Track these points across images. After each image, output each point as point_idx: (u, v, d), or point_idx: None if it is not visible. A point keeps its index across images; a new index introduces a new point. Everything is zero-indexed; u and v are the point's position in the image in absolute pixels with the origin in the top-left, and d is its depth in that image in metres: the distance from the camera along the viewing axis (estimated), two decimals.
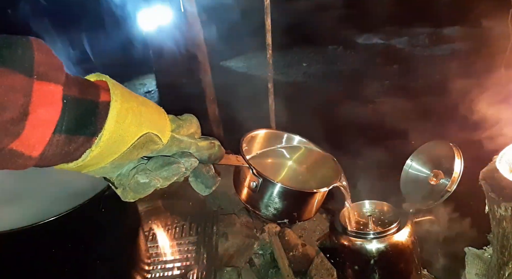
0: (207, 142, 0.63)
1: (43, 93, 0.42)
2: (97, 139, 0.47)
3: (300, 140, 1.07)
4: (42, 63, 0.42)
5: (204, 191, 0.65)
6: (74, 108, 0.45)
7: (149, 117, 0.52)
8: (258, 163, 0.94)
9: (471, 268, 1.19)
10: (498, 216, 0.96)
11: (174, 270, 1.57)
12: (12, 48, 0.40)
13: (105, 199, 1.05)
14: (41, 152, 0.44)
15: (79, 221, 1.02)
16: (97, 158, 0.49)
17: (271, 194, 0.86)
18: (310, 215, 0.93)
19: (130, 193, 0.56)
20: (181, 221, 1.83)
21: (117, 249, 1.23)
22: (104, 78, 0.51)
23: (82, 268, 1.11)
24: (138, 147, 0.52)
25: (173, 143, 0.57)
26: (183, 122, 0.59)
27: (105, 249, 1.17)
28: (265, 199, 0.86)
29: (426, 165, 1.13)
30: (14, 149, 0.41)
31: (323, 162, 1.05)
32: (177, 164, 0.57)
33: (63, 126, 0.44)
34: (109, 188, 1.05)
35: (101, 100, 0.48)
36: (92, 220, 1.07)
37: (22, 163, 0.43)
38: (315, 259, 1.62)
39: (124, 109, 0.49)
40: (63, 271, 1.06)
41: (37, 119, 0.41)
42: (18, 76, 0.40)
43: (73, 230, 1.03)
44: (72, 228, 1.02)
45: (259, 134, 1.02)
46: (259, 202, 0.87)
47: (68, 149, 0.46)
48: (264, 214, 0.88)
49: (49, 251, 1.01)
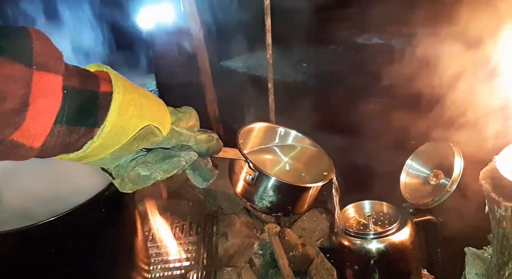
0: (206, 135, 0.63)
1: (43, 83, 0.41)
2: (99, 131, 0.47)
3: (296, 135, 1.08)
4: (41, 53, 0.42)
5: (202, 183, 0.66)
6: (74, 98, 0.45)
7: (150, 109, 0.53)
8: (254, 157, 0.96)
9: (471, 268, 1.19)
10: (498, 216, 0.96)
11: (174, 270, 1.57)
12: (10, 38, 0.40)
13: (105, 199, 1.05)
14: (42, 143, 0.44)
15: (79, 221, 1.02)
16: (98, 149, 0.49)
17: (266, 187, 0.87)
18: (303, 209, 0.96)
19: (129, 184, 0.57)
20: (181, 221, 1.83)
21: (117, 249, 1.23)
22: (105, 68, 0.51)
23: (82, 268, 1.11)
24: (139, 139, 0.52)
25: (172, 135, 0.57)
26: (183, 115, 0.60)
27: (105, 249, 1.17)
28: (261, 192, 0.88)
29: (426, 165, 1.13)
30: (15, 140, 0.41)
31: (318, 159, 1.06)
32: (177, 158, 0.57)
33: (63, 117, 0.44)
34: (109, 188, 1.05)
35: (101, 90, 0.48)
36: (92, 220, 1.07)
37: (23, 154, 0.43)
38: (315, 259, 1.62)
39: (126, 101, 0.49)
40: (63, 271, 1.06)
41: (37, 110, 0.41)
42: (18, 66, 0.39)
43: (73, 230, 1.03)
44: (72, 228, 1.02)
45: (255, 127, 1.03)
46: (254, 194, 0.89)
47: (69, 140, 0.46)
48: (259, 207, 0.90)
49: (49, 251, 1.01)
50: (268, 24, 1.76)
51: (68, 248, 1.05)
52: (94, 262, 1.12)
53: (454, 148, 1.05)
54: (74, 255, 1.06)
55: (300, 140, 1.09)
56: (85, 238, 1.08)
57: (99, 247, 1.14)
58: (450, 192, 1.03)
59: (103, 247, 1.15)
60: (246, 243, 1.73)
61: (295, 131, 1.08)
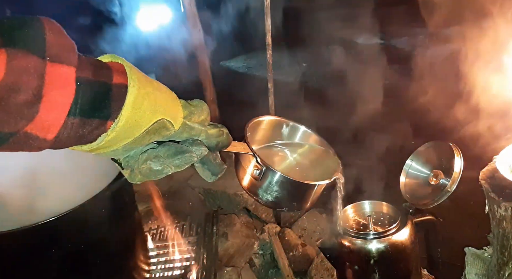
0: (216, 130, 0.63)
1: (56, 75, 0.41)
2: (113, 124, 0.47)
3: (305, 130, 1.08)
4: (54, 44, 0.41)
5: (210, 178, 0.66)
6: (87, 90, 0.45)
7: (164, 103, 0.53)
8: (262, 152, 0.97)
9: (471, 268, 1.19)
10: (498, 216, 0.96)
11: (174, 270, 1.56)
12: (23, 29, 0.40)
13: (105, 199, 1.05)
14: (56, 135, 0.44)
15: (79, 221, 1.02)
16: (111, 141, 0.49)
17: (272, 182, 0.88)
18: (307, 205, 0.97)
19: (138, 176, 0.57)
20: (181, 221, 1.83)
21: (117, 249, 1.23)
22: (120, 60, 0.51)
23: (82, 268, 1.11)
24: (151, 133, 0.52)
25: (184, 129, 0.57)
26: (195, 109, 0.60)
27: (105, 249, 1.17)
28: (266, 187, 0.89)
29: (426, 165, 1.13)
30: (29, 132, 0.41)
31: (325, 157, 1.07)
32: (189, 153, 0.58)
33: (77, 108, 0.44)
34: (109, 188, 1.05)
35: (114, 82, 0.47)
36: (92, 220, 1.07)
37: (37, 146, 0.43)
38: (315, 259, 1.62)
39: (140, 95, 0.49)
40: (63, 271, 1.06)
41: (51, 102, 0.41)
42: (31, 57, 0.39)
43: (73, 230, 1.03)
44: (72, 228, 1.02)
45: (264, 121, 1.04)
46: (260, 189, 0.90)
47: (82, 132, 0.46)
48: (264, 201, 0.91)
49: (49, 251, 1.01)
50: (268, 24, 1.76)
51: (68, 248, 1.05)
52: (94, 262, 1.12)
53: (454, 148, 1.05)
54: (74, 255, 1.06)
55: (308, 136, 1.09)
56: (85, 238, 1.07)
57: (99, 247, 1.13)
58: (450, 192, 1.03)
59: (103, 247, 1.15)
60: (246, 243, 1.73)
61: (304, 126, 1.08)
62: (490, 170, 1.02)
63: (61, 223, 0.95)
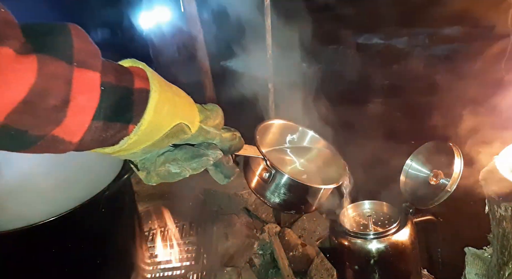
0: (230, 134, 0.65)
1: (83, 80, 0.42)
2: (136, 128, 0.49)
3: (313, 135, 1.10)
4: (81, 50, 0.43)
5: (223, 180, 0.68)
6: (111, 95, 0.46)
7: (182, 108, 0.55)
8: (271, 155, 0.99)
9: (471, 268, 1.19)
10: (498, 216, 0.96)
11: (174, 270, 1.57)
12: (53, 35, 0.41)
13: (105, 199, 1.05)
14: (80, 138, 0.45)
15: (79, 221, 1.02)
16: (133, 144, 0.51)
17: (280, 185, 0.90)
18: (314, 208, 0.99)
19: (154, 178, 0.59)
20: (181, 221, 1.83)
21: (116, 249, 1.23)
22: (140, 65, 0.53)
23: (82, 268, 1.11)
24: (170, 136, 0.54)
25: (200, 133, 0.59)
26: (210, 113, 0.61)
27: (105, 249, 1.17)
28: (275, 190, 0.91)
29: (426, 165, 1.13)
30: (55, 136, 0.43)
31: (332, 161, 1.08)
32: (206, 157, 0.60)
33: (101, 113, 0.45)
34: (109, 188, 1.05)
35: (135, 87, 0.49)
36: (92, 220, 1.07)
37: (63, 149, 0.45)
38: (315, 259, 1.62)
39: (161, 100, 0.50)
40: (63, 271, 1.06)
41: (77, 106, 0.42)
42: (60, 63, 0.40)
43: (73, 230, 1.03)
44: (72, 228, 1.02)
45: (273, 124, 1.05)
46: (268, 191, 0.92)
47: (105, 135, 0.47)
48: (272, 203, 0.93)
49: (49, 251, 1.01)
50: (268, 24, 1.76)
51: (68, 248, 1.05)
52: (94, 262, 1.12)
53: (454, 148, 1.05)
54: (74, 255, 1.06)
55: (316, 141, 1.11)
56: (85, 238, 1.08)
57: (99, 247, 1.14)
58: (450, 192, 1.03)
59: (103, 247, 1.15)
60: (246, 243, 1.73)
61: (312, 131, 1.11)
62: (490, 170, 1.02)
63: (61, 223, 0.95)
